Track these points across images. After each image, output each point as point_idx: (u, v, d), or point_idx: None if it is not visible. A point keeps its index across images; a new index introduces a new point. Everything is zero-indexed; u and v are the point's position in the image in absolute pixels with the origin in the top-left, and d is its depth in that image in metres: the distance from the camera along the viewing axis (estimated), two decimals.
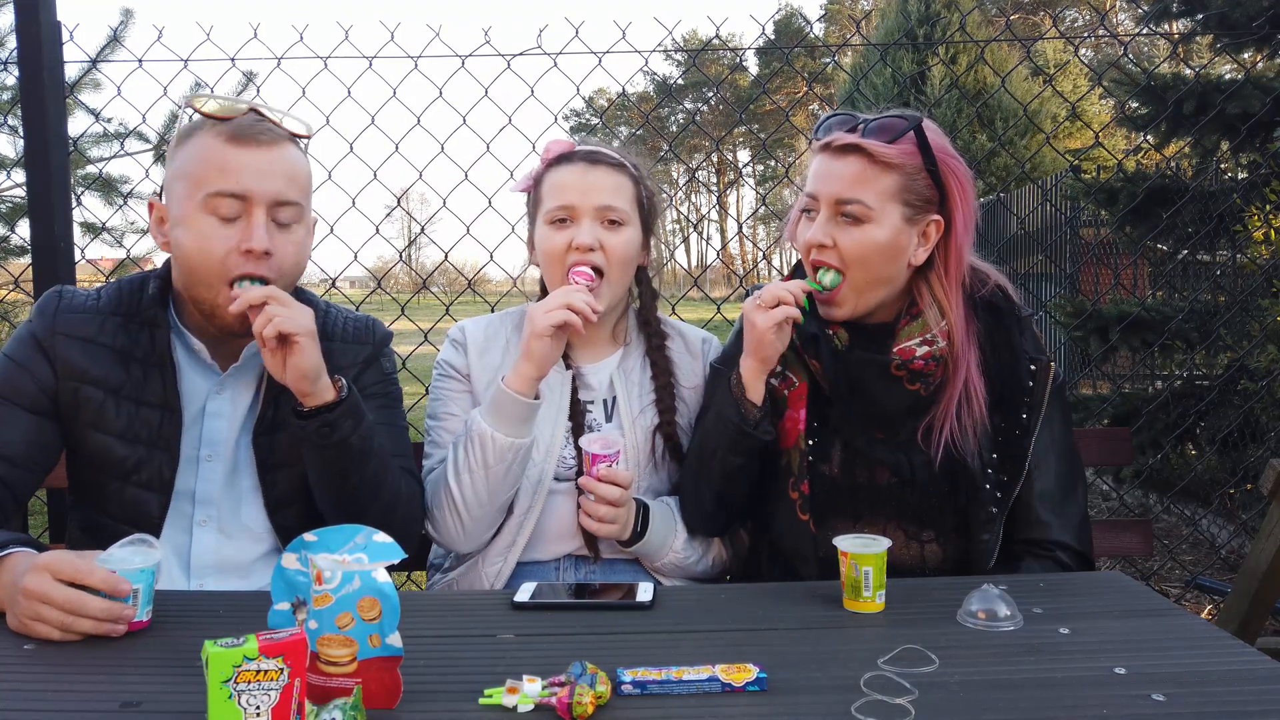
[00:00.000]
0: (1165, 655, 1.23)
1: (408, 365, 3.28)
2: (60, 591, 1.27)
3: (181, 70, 3.06)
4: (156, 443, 1.63)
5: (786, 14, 34.46)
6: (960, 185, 1.65)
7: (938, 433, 1.66)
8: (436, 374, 1.90)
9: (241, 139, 1.57)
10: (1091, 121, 11.07)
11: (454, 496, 1.70)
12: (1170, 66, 4.94)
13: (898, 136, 1.61)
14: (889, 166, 1.61)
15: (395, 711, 1.09)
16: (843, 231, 1.63)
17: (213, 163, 1.56)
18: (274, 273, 1.58)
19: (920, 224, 1.65)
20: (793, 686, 1.14)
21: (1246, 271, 4.65)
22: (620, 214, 1.77)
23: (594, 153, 1.81)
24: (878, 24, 14.19)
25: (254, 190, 1.56)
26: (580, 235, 1.74)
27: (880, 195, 1.61)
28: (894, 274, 1.66)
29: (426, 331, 3.23)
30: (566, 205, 1.77)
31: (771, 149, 27.50)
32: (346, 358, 1.73)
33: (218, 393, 1.66)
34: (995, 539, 1.68)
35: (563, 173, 1.80)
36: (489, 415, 1.68)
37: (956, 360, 1.66)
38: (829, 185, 1.64)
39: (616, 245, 1.77)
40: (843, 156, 1.63)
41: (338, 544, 1.14)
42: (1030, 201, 7.92)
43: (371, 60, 2.98)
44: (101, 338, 1.63)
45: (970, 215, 1.66)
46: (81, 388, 1.62)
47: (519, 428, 1.67)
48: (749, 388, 1.66)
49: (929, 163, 1.62)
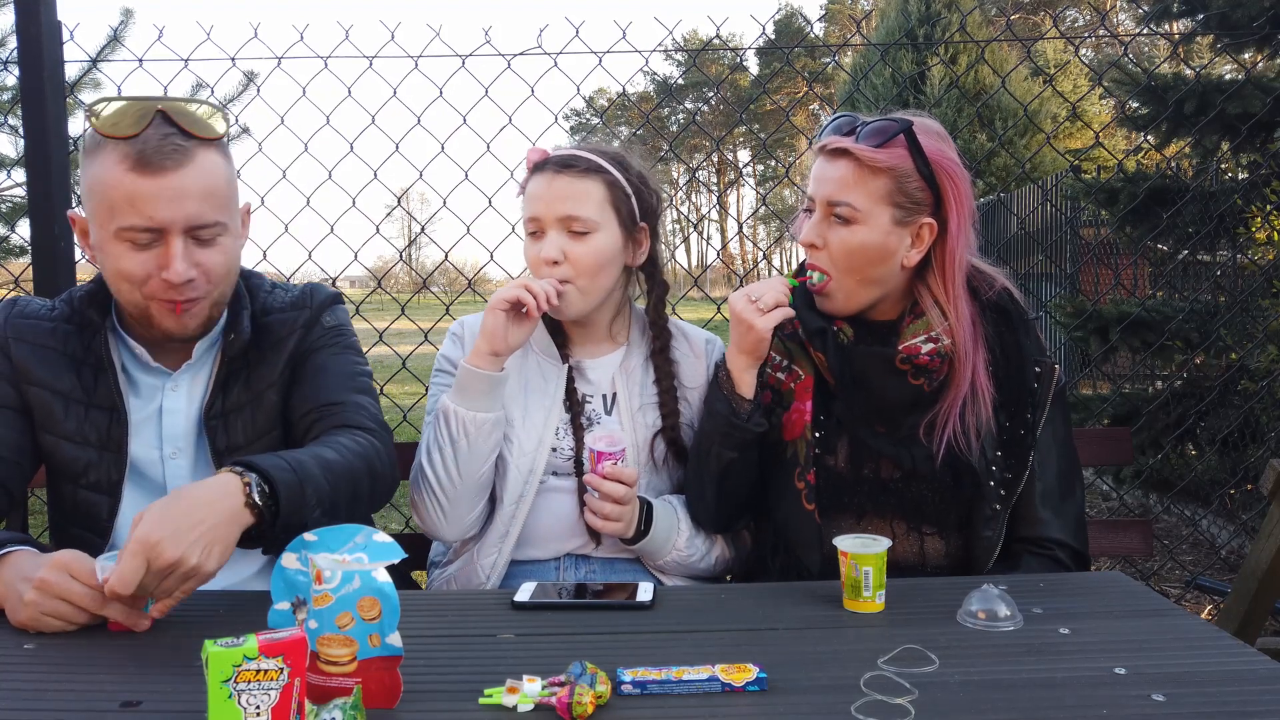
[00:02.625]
0: (1165, 655, 1.23)
1: (408, 365, 3.31)
2: (80, 590, 1.28)
3: (182, 70, 3.06)
4: (106, 445, 1.62)
5: (786, 14, 34.49)
6: (955, 188, 1.66)
7: (939, 430, 1.68)
8: (435, 369, 1.90)
9: (146, 167, 1.44)
10: (1092, 121, 11.06)
11: (428, 477, 1.73)
12: (1171, 66, 4.94)
13: (887, 140, 1.63)
14: (877, 170, 1.63)
15: (395, 711, 1.09)
16: (832, 231, 1.67)
17: (120, 194, 1.45)
18: (201, 290, 1.54)
19: (912, 226, 1.66)
20: (793, 686, 1.14)
21: (1247, 272, 4.65)
22: (585, 222, 1.75)
23: (563, 159, 1.78)
24: (878, 24, 14.18)
25: (166, 221, 1.46)
26: (545, 248, 1.75)
27: (868, 198, 1.64)
28: (885, 275, 1.68)
29: (427, 331, 3.23)
30: (534, 217, 1.78)
31: (771, 149, 27.52)
32: (285, 328, 1.70)
33: (173, 389, 1.66)
34: (998, 536, 1.69)
35: (534, 182, 1.80)
36: (455, 393, 1.72)
37: (961, 359, 1.68)
38: (822, 187, 1.68)
39: (582, 255, 1.75)
40: (835, 160, 1.67)
41: (338, 543, 1.14)
42: (1030, 201, 7.92)
43: (371, 60, 2.98)
44: (51, 343, 1.63)
45: (965, 218, 1.67)
46: (31, 390, 1.62)
47: (481, 401, 1.70)
48: (738, 381, 1.69)
49: (921, 166, 1.64)
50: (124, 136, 1.45)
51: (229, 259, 1.57)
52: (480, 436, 1.71)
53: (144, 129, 1.46)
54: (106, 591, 1.25)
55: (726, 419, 1.68)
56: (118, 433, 1.63)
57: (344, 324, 1.78)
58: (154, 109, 1.48)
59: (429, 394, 1.90)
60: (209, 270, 1.54)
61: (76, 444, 1.62)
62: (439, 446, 1.72)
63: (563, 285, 1.74)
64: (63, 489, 1.65)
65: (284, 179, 3.11)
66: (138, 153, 1.45)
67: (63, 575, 1.29)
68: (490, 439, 1.72)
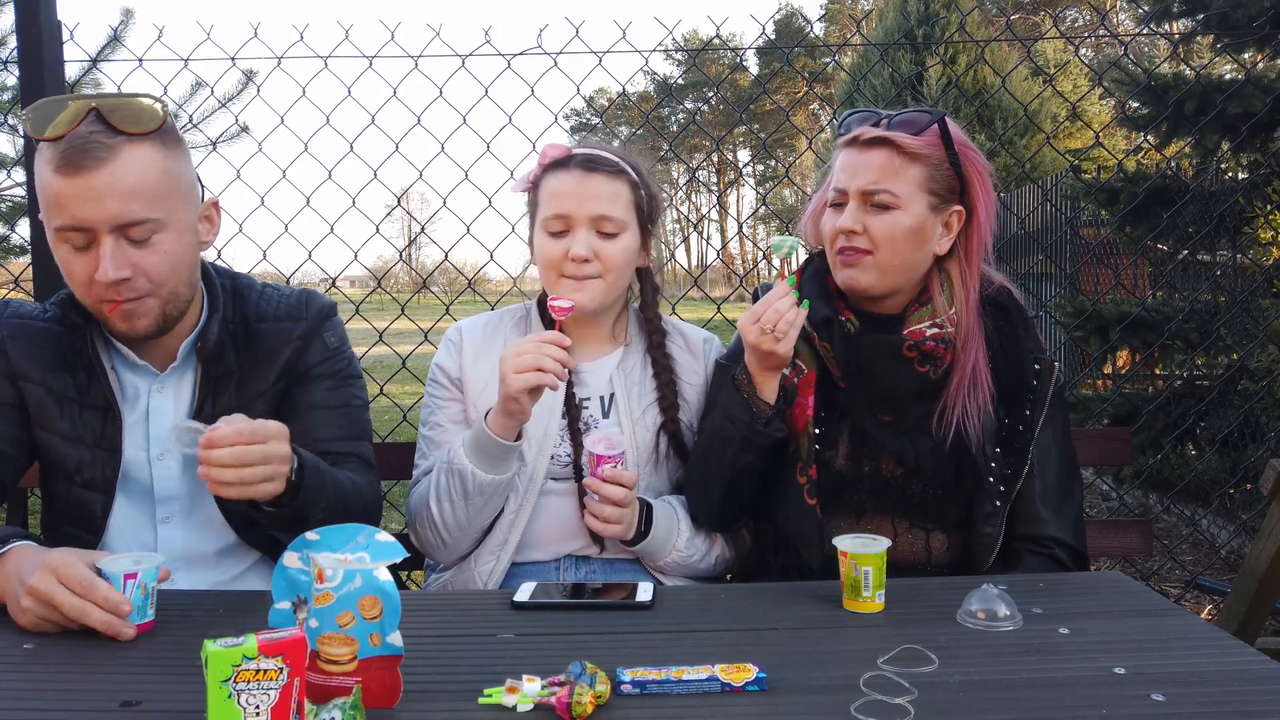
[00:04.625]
0: (1165, 655, 1.23)
1: (408, 365, 3.31)
2: (67, 599, 1.27)
3: (182, 70, 3.06)
4: (100, 444, 1.63)
5: (786, 14, 34.50)
6: (980, 176, 1.71)
7: (949, 415, 1.70)
8: (430, 379, 1.90)
9: (69, 167, 1.43)
10: (1092, 121, 11.05)
11: (434, 519, 1.73)
12: (1171, 66, 4.94)
13: (923, 129, 1.67)
14: (915, 157, 1.67)
15: (395, 711, 1.09)
16: (873, 218, 1.68)
17: (50, 195, 1.46)
18: (142, 289, 1.52)
19: (944, 213, 1.71)
20: (792, 686, 1.14)
21: (1248, 272, 4.65)
22: (616, 223, 1.77)
23: (590, 159, 1.79)
24: (877, 24, 14.17)
25: (92, 220, 1.45)
26: (575, 246, 1.75)
27: (907, 184, 1.67)
28: (918, 261, 1.71)
29: (426, 331, 3.23)
30: (562, 214, 1.77)
31: (771, 149, 27.51)
32: (280, 337, 1.69)
33: (159, 391, 1.66)
34: (997, 533, 1.70)
35: (559, 179, 1.79)
36: (471, 451, 1.68)
37: (964, 344, 1.71)
38: (858, 177, 1.69)
39: (612, 254, 1.77)
40: (870, 149, 1.69)
41: (340, 543, 1.14)
42: (1030, 201, 7.92)
43: (371, 60, 2.98)
44: (45, 343, 1.64)
45: (991, 205, 1.73)
46: (28, 386, 1.62)
47: (499, 465, 1.68)
48: (760, 387, 1.68)
49: (951, 155, 1.68)
50: (51, 138, 1.46)
51: (171, 257, 1.54)
52: (497, 494, 1.71)
53: (73, 128, 1.45)
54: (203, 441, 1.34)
55: (748, 424, 1.67)
56: (111, 432, 1.63)
57: (343, 344, 1.77)
58: (87, 107, 1.47)
59: (425, 404, 1.89)
60: (147, 270, 1.51)
61: (70, 442, 1.62)
62: (450, 499, 1.70)
63: (591, 280, 1.75)
64: (56, 486, 1.66)
65: (284, 179, 3.11)
66: (62, 153, 1.44)
67: (50, 581, 1.28)
68: (504, 493, 1.73)
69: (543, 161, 1.83)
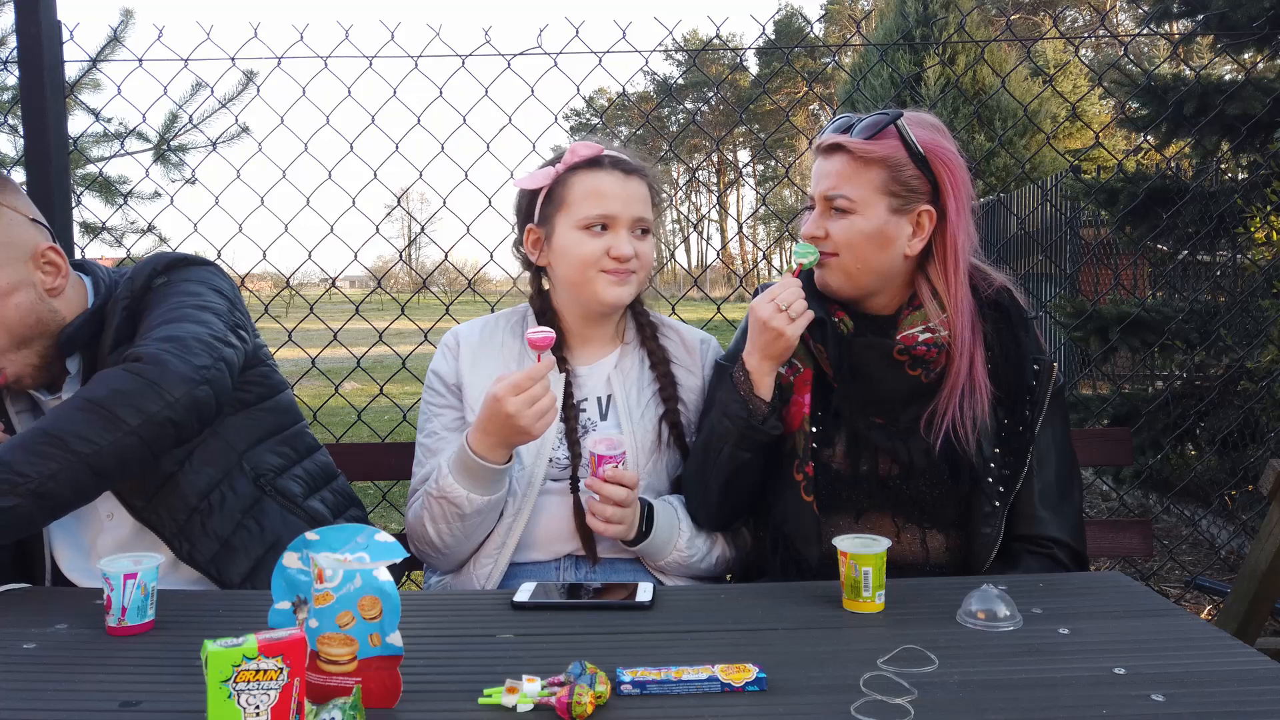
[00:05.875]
0: (1165, 655, 1.23)
1: (407, 365, 3.31)
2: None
3: (182, 70, 3.06)
4: None
5: (786, 14, 34.53)
6: (951, 175, 1.69)
7: (938, 422, 1.69)
8: (426, 385, 1.90)
9: None
10: (1091, 122, 11.07)
11: (430, 538, 1.75)
12: (1170, 67, 4.94)
13: (877, 132, 1.68)
14: (870, 162, 1.68)
15: (395, 711, 1.10)
16: (833, 222, 1.71)
17: None
18: None
19: (910, 214, 1.70)
20: (792, 686, 1.14)
21: (1247, 272, 4.65)
22: (649, 224, 1.84)
23: (623, 161, 1.83)
24: (876, 25, 14.19)
25: None
26: (620, 246, 1.77)
27: (862, 188, 1.68)
28: (886, 263, 1.71)
29: (426, 331, 3.23)
30: (608, 214, 1.78)
31: (771, 149, 27.52)
32: (123, 302, 1.67)
33: None
34: (996, 533, 1.70)
35: (598, 179, 1.80)
36: (461, 476, 1.68)
37: (958, 349, 1.70)
38: (820, 183, 1.73)
39: (648, 253, 1.84)
40: (831, 156, 1.72)
41: (339, 543, 1.14)
42: (1030, 202, 7.92)
43: (371, 60, 2.98)
44: None
45: (964, 205, 1.70)
46: None
47: (493, 485, 1.69)
48: (757, 384, 1.69)
49: (914, 155, 1.67)
50: None
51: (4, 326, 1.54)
52: (494, 509, 1.72)
53: None
54: None
55: (745, 421, 1.68)
56: None
57: (185, 279, 1.70)
58: None
59: (421, 411, 1.89)
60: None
61: None
62: (446, 521, 1.71)
63: (631, 276, 1.79)
64: None
65: (284, 179, 3.11)
66: None
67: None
68: (500, 505, 1.74)
69: (572, 159, 1.82)
